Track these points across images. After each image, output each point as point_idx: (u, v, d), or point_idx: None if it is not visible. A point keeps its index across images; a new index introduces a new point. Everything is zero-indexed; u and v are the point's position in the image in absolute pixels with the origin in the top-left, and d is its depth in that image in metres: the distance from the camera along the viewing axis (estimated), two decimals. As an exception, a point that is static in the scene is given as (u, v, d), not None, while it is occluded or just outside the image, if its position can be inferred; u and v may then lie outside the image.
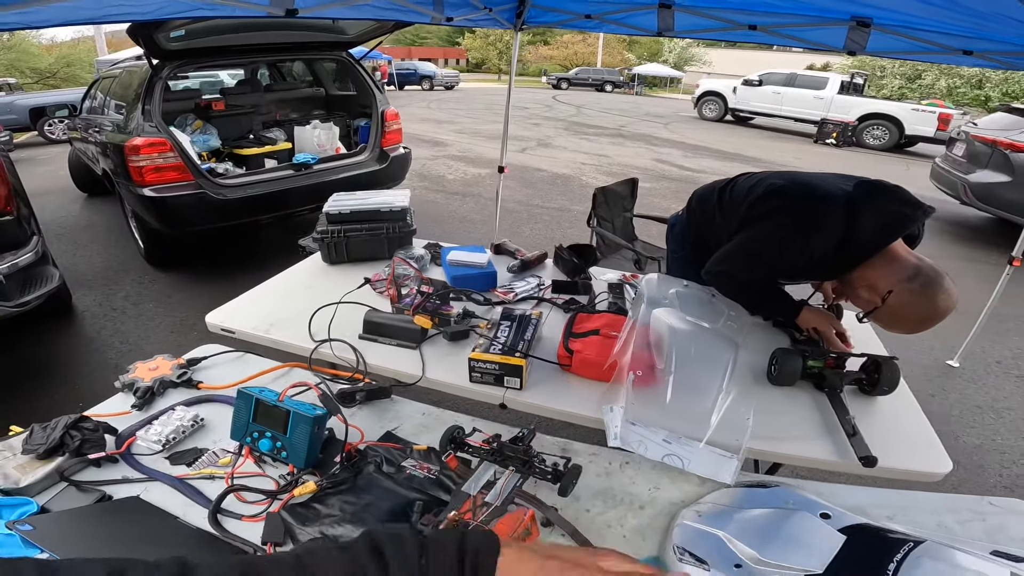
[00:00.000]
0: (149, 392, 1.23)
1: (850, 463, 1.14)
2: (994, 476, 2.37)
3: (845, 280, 1.40)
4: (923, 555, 0.75)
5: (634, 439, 1.07)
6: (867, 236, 1.29)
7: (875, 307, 1.30)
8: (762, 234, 1.42)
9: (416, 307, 1.48)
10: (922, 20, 1.97)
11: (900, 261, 1.27)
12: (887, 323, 1.32)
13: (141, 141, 3.27)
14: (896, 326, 1.31)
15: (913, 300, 1.24)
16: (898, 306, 1.26)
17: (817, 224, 1.33)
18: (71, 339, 3.09)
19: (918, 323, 1.26)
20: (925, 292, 1.22)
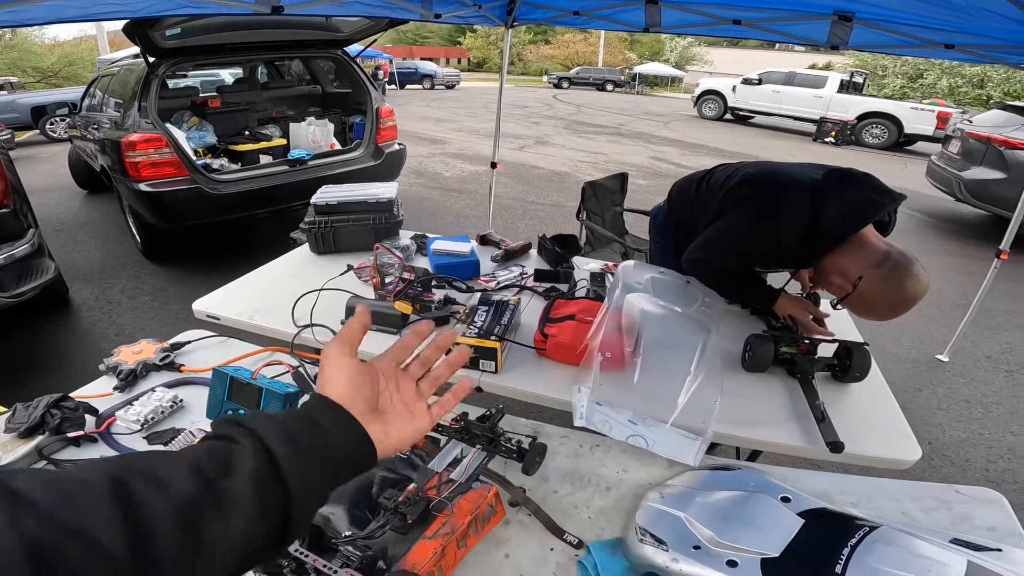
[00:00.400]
0: (132, 374, 1.25)
1: (818, 449, 1.15)
2: (980, 470, 2.38)
3: (818, 267, 1.42)
4: (877, 540, 0.76)
5: (599, 419, 1.09)
6: (834, 223, 1.31)
7: (847, 293, 1.32)
8: (734, 222, 1.44)
9: (397, 293, 1.50)
10: (903, 14, 1.99)
11: (869, 247, 1.29)
12: (859, 309, 1.34)
13: (137, 137, 3.30)
14: (868, 312, 1.33)
15: (883, 286, 1.25)
16: (869, 292, 1.28)
17: (784, 211, 1.35)
18: (67, 331, 3.13)
19: (889, 309, 1.28)
20: (894, 277, 1.24)
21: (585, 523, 0.94)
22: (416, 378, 0.64)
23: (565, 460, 1.08)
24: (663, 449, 1.06)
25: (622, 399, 1.12)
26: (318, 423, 0.49)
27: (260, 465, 0.43)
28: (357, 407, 0.53)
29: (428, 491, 0.89)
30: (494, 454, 0.98)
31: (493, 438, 0.98)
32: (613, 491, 1.02)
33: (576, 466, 1.07)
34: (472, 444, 0.99)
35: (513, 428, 1.14)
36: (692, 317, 1.29)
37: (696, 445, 1.06)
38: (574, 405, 1.14)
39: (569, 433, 1.16)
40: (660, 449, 1.06)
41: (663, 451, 1.05)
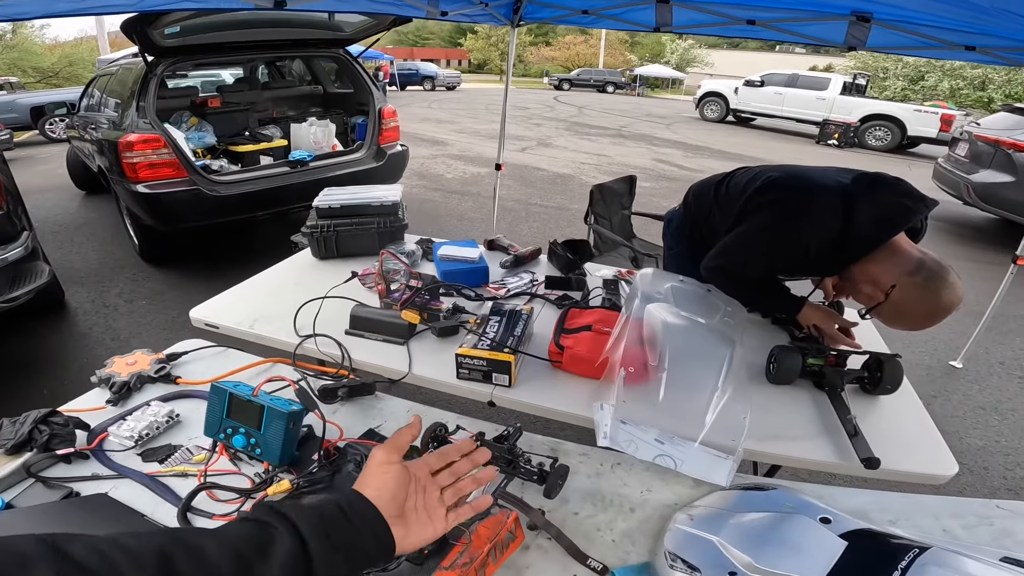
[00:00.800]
0: (125, 387, 1.19)
1: (851, 465, 1.10)
2: (998, 478, 2.33)
3: (846, 275, 1.36)
4: (929, 562, 0.72)
5: (624, 438, 1.03)
6: (866, 229, 1.24)
7: (878, 303, 1.26)
8: (758, 227, 1.37)
9: (404, 302, 1.44)
10: (924, 15, 1.93)
11: (903, 255, 1.23)
12: (890, 319, 1.27)
13: (135, 137, 3.24)
14: (900, 322, 1.26)
15: (917, 294, 1.19)
16: (902, 301, 1.21)
17: (813, 216, 1.28)
18: (62, 335, 3.06)
19: (923, 318, 1.22)
20: (928, 286, 1.18)
21: (609, 547, 0.89)
22: (443, 486, 0.68)
23: (585, 480, 1.03)
24: (692, 469, 0.99)
25: (647, 416, 1.06)
26: (351, 521, 0.56)
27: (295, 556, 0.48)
28: (388, 510, 0.59)
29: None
30: (513, 476, 0.92)
31: (512, 459, 0.92)
32: (637, 512, 0.96)
33: (597, 486, 1.01)
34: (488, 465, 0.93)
35: (530, 446, 1.08)
36: (716, 328, 1.23)
37: (727, 464, 1.00)
38: (597, 423, 1.07)
39: (589, 451, 1.10)
40: (689, 469, 0.99)
41: (692, 471, 0.99)
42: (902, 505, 0.99)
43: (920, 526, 0.94)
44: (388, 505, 0.59)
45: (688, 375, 1.11)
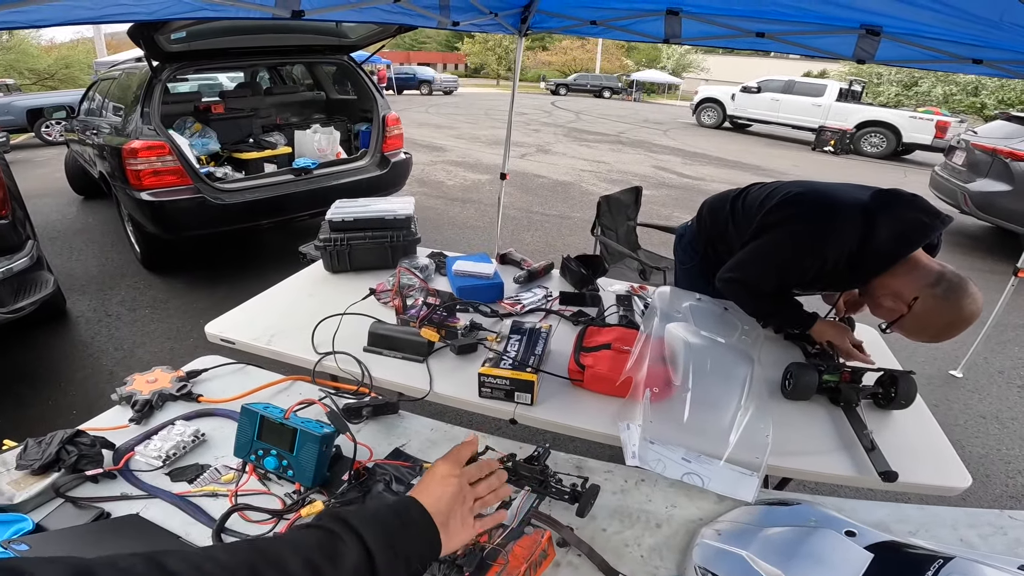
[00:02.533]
0: (147, 405, 1.19)
1: (869, 478, 1.12)
2: (1000, 486, 2.35)
3: (866, 290, 1.38)
4: (953, 572, 0.74)
5: (652, 457, 1.04)
6: (885, 245, 1.27)
7: (900, 315, 1.28)
8: (777, 241, 1.39)
9: (422, 319, 1.45)
10: (932, 28, 1.95)
11: (923, 268, 1.25)
12: (913, 331, 1.29)
13: (139, 144, 3.23)
14: (922, 333, 1.28)
15: (939, 306, 1.22)
16: (924, 313, 1.24)
17: (833, 232, 1.31)
18: (65, 345, 3.04)
19: (945, 329, 1.24)
20: (949, 297, 1.21)
21: (638, 562, 0.91)
22: (477, 497, 0.74)
23: (611, 496, 1.04)
24: (719, 487, 1.01)
25: (673, 436, 1.07)
26: (409, 529, 0.62)
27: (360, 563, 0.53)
28: (439, 517, 0.65)
29: (479, 538, 0.84)
30: (544, 496, 0.93)
31: (543, 480, 0.93)
32: (664, 528, 0.98)
33: (623, 502, 1.03)
34: (520, 486, 0.94)
35: (555, 464, 1.10)
36: (735, 347, 1.25)
37: (753, 481, 1.02)
38: (624, 443, 1.09)
39: (613, 468, 1.11)
40: (716, 487, 1.01)
41: (719, 488, 1.01)
42: (920, 517, 1.02)
43: (939, 537, 0.98)
44: (440, 514, 0.65)
45: (711, 394, 1.13)
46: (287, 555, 0.51)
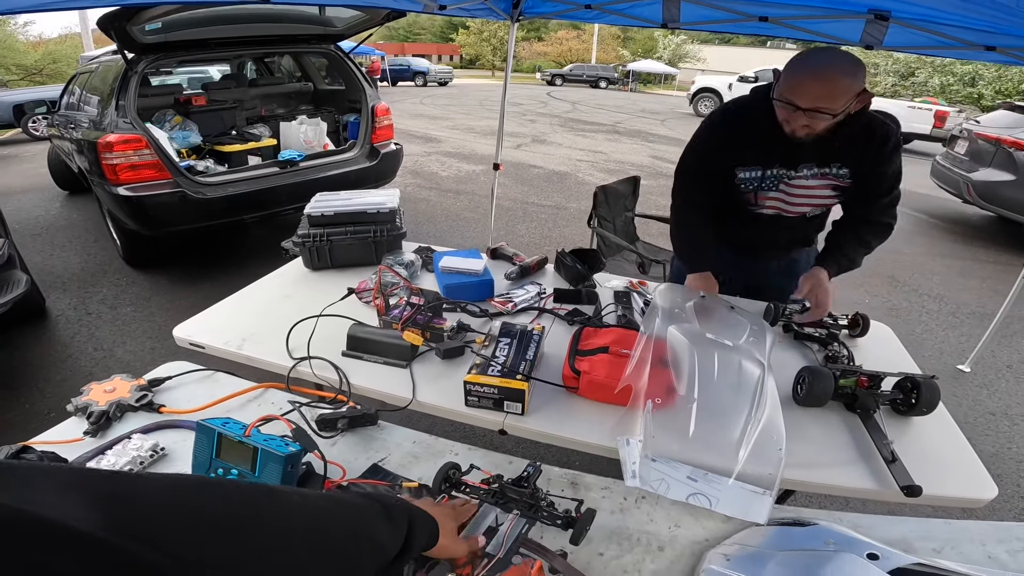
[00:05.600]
0: (104, 417, 1.09)
1: (889, 492, 1.03)
2: (1012, 485, 2.28)
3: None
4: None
5: (655, 477, 0.95)
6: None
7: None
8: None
9: (405, 320, 1.34)
10: (944, 14, 1.86)
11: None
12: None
13: (115, 138, 3.10)
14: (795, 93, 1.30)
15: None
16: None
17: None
18: (43, 345, 2.93)
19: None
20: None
21: (638, 590, 0.82)
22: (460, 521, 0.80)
23: (609, 516, 0.95)
24: (728, 508, 0.92)
25: (676, 451, 0.97)
26: (429, 522, 0.70)
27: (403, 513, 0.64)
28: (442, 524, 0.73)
29: (461, 570, 0.74)
30: (535, 521, 0.83)
31: (533, 503, 0.83)
32: (667, 551, 0.90)
33: (622, 523, 0.94)
34: (508, 509, 0.84)
35: (547, 480, 1.00)
36: (744, 351, 1.15)
37: (766, 501, 0.93)
38: (623, 461, 0.99)
39: (611, 484, 1.02)
40: (725, 508, 0.92)
41: (728, 510, 0.92)
42: (945, 532, 0.95)
43: (966, 554, 0.92)
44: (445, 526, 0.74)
45: (719, 403, 1.03)
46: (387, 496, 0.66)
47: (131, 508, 0.37)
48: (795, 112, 1.28)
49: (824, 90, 1.24)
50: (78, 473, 0.38)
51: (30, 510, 0.30)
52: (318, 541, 0.49)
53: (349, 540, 0.54)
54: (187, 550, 0.37)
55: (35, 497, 0.33)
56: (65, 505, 0.33)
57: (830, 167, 1.45)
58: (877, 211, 1.51)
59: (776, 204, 1.53)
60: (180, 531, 0.38)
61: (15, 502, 0.30)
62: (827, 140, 1.38)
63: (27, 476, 0.35)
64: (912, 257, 4.93)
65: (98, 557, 0.31)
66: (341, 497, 0.60)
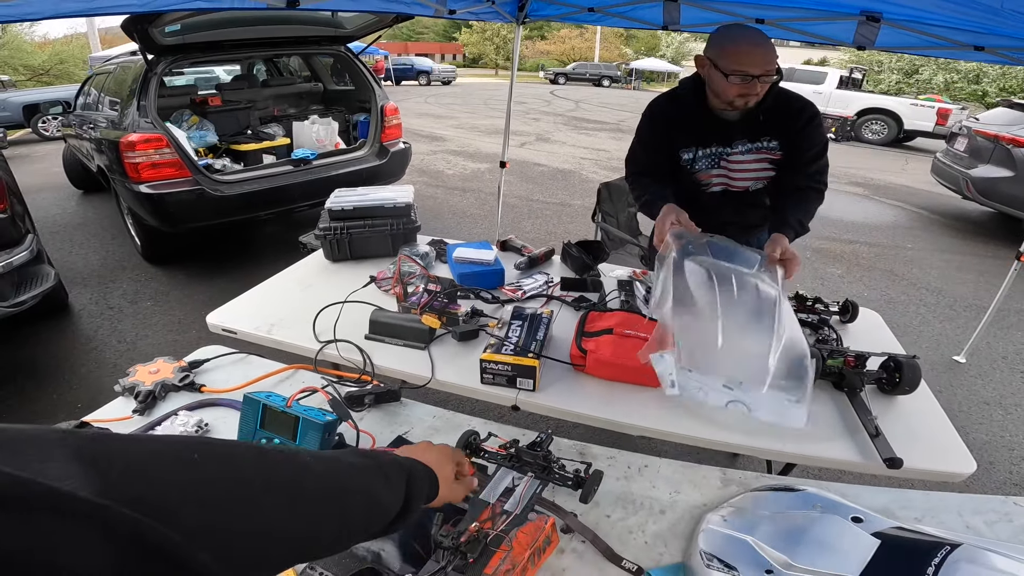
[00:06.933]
0: (151, 396, 1.19)
1: (873, 464, 1.12)
2: (1004, 472, 2.35)
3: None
4: (961, 559, 0.75)
5: (693, 386, 1.04)
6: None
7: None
8: None
9: (423, 306, 1.44)
10: (933, 15, 1.94)
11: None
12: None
13: (137, 137, 3.21)
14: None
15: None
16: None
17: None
18: (68, 338, 3.04)
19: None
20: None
21: (642, 548, 0.91)
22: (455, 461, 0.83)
23: (615, 483, 1.04)
24: (766, 415, 1.01)
25: (708, 364, 1.06)
26: (428, 475, 0.72)
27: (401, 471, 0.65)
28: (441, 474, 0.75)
29: (484, 523, 0.84)
30: (547, 482, 0.93)
31: (546, 466, 0.93)
32: (668, 514, 0.98)
33: (627, 489, 1.03)
34: (523, 472, 0.94)
35: (558, 450, 1.09)
36: (758, 276, 1.24)
37: (801, 409, 1.01)
38: (660, 375, 1.08)
39: (616, 454, 1.11)
40: (763, 415, 1.01)
41: (767, 416, 1.01)
42: (925, 503, 1.02)
43: (945, 523, 0.97)
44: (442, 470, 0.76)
45: (743, 322, 1.11)
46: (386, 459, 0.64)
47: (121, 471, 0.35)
48: (751, 82, 1.39)
49: (768, 54, 1.38)
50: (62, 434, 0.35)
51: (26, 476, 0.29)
52: (313, 497, 0.48)
53: (343, 498, 0.53)
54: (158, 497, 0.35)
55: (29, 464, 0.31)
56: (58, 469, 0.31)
57: (761, 141, 1.57)
58: (807, 178, 1.59)
59: (722, 180, 1.65)
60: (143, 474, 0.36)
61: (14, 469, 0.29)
62: (753, 116, 1.52)
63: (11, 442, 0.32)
64: (912, 252, 5.00)
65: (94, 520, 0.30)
66: (337, 456, 0.58)
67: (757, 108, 1.49)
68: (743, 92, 1.41)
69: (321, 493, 0.50)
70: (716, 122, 1.57)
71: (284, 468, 0.48)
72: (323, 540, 0.50)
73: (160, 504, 0.35)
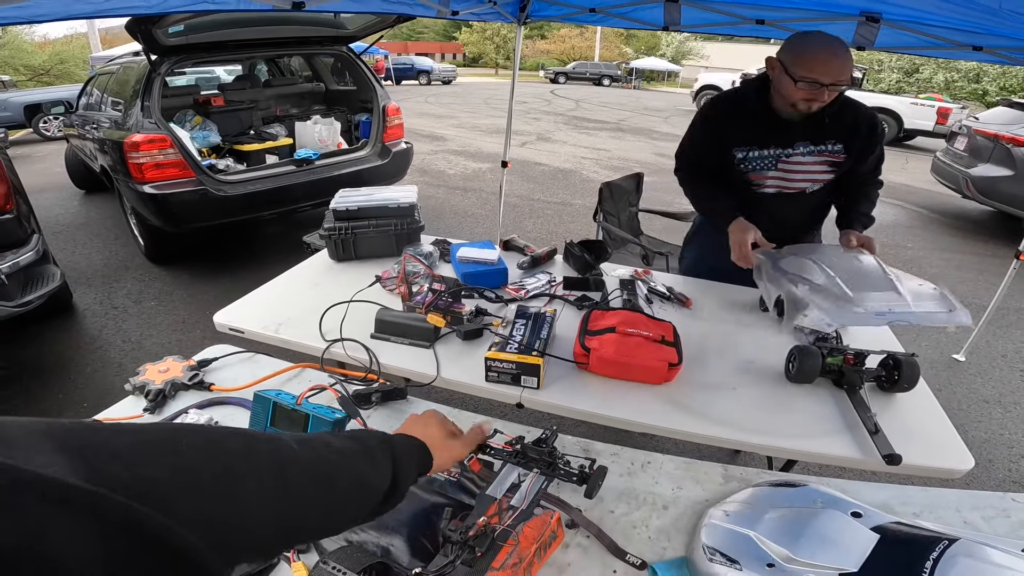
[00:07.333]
0: (160, 395, 1.21)
1: (872, 460, 1.13)
2: (1003, 470, 2.37)
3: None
4: (958, 553, 0.76)
5: (849, 319, 1.15)
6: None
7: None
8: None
9: (428, 305, 1.46)
10: (932, 16, 1.95)
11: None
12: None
13: (141, 138, 3.23)
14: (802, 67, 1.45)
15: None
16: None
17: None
18: (73, 338, 3.06)
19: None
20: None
21: (646, 543, 0.92)
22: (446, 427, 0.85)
23: (618, 479, 1.06)
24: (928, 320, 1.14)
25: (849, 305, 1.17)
26: (417, 447, 0.74)
27: (387, 480, 0.63)
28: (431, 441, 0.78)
29: (490, 519, 0.85)
30: (553, 478, 0.95)
31: (551, 462, 0.95)
32: (671, 509, 1.00)
33: (630, 484, 1.05)
34: (529, 468, 0.95)
35: (563, 447, 1.11)
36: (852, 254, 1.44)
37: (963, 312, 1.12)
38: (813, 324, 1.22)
39: (619, 451, 1.13)
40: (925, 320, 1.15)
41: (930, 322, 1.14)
42: (923, 499, 1.03)
43: (943, 518, 0.99)
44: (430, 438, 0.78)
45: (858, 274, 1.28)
46: (365, 437, 0.64)
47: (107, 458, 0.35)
48: (819, 89, 1.41)
49: (842, 65, 1.40)
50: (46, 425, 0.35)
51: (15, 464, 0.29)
52: (298, 483, 0.49)
53: (328, 483, 0.53)
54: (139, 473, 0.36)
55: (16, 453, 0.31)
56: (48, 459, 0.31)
57: (824, 144, 1.60)
58: (869, 173, 1.69)
59: (776, 182, 1.67)
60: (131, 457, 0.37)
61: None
62: (818, 118, 1.54)
63: None
64: (912, 251, 5.02)
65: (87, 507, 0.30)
66: (325, 441, 0.58)
67: (823, 111, 1.51)
68: (809, 97, 1.44)
69: (306, 478, 0.50)
70: (777, 123, 1.59)
71: (270, 455, 0.49)
72: (309, 525, 0.51)
73: (148, 490, 0.35)
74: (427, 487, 0.95)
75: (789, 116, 1.56)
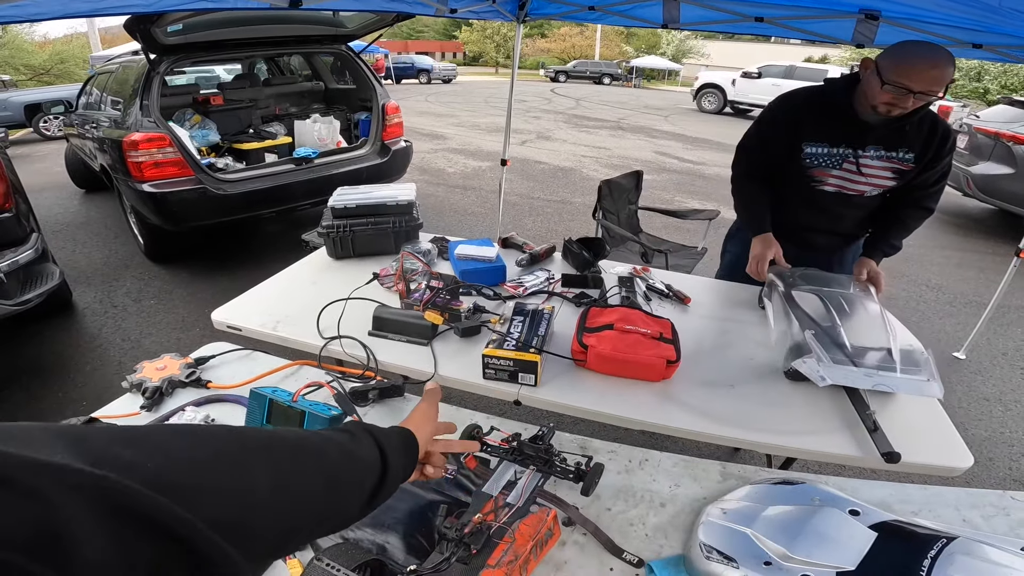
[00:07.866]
0: (158, 392, 1.21)
1: (871, 458, 1.13)
2: (1004, 469, 2.36)
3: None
4: (956, 551, 0.75)
5: (841, 374, 1.17)
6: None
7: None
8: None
9: (426, 302, 1.46)
10: (932, 13, 1.95)
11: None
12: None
13: (140, 136, 3.23)
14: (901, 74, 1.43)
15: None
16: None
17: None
18: (73, 337, 3.06)
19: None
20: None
21: (643, 541, 0.92)
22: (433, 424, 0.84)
23: (616, 476, 1.05)
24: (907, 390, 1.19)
25: (846, 359, 1.22)
26: (406, 440, 0.72)
27: (376, 468, 0.62)
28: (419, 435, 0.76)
29: (486, 516, 0.85)
30: (549, 475, 0.95)
31: (548, 459, 0.95)
32: (668, 507, 1.00)
33: (628, 482, 1.04)
34: (525, 465, 0.95)
35: (560, 444, 1.11)
36: (857, 294, 1.47)
37: (935, 384, 1.17)
38: (809, 373, 1.22)
39: (617, 448, 1.13)
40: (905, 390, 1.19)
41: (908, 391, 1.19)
42: (922, 497, 1.03)
43: (941, 516, 0.98)
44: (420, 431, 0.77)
45: (859, 325, 1.34)
46: (356, 429, 0.63)
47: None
48: (906, 95, 1.41)
49: (938, 76, 1.39)
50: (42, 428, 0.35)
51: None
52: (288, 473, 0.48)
53: (318, 476, 0.52)
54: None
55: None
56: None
57: (897, 151, 1.59)
58: (926, 196, 1.66)
59: (838, 182, 1.66)
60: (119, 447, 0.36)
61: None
62: (897, 126, 1.53)
63: None
64: (912, 249, 5.00)
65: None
66: (307, 435, 0.58)
67: (904, 118, 1.50)
68: (891, 102, 1.44)
69: (299, 470, 0.51)
70: (855, 123, 1.58)
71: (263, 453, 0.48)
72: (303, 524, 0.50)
73: (151, 478, 0.34)
74: (422, 484, 0.95)
75: (868, 118, 1.55)
